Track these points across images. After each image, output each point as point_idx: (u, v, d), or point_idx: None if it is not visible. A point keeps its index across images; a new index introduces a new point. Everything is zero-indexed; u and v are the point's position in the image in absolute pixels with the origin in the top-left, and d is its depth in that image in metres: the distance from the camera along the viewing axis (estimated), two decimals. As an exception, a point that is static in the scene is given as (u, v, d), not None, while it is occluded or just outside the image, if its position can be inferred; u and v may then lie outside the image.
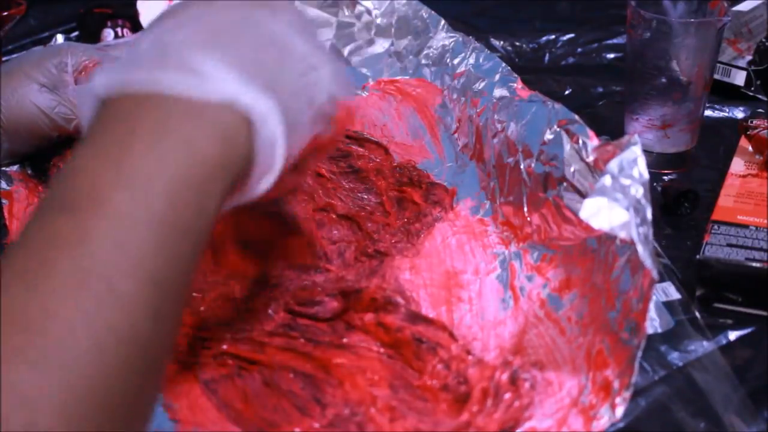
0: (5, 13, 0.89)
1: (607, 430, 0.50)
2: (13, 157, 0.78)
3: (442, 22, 0.86)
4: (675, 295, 0.61)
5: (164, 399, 0.55)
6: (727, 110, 0.85)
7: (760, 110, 0.80)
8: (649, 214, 0.53)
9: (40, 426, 0.33)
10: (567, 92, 0.89)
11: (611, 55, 0.96)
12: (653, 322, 0.59)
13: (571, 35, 0.98)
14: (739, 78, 0.86)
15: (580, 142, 0.60)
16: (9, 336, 0.35)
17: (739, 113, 0.85)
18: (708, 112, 0.83)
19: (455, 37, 0.84)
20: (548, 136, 0.63)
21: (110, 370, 0.35)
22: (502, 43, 0.98)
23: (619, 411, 0.50)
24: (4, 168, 0.78)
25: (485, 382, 0.54)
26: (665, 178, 0.77)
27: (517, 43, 0.98)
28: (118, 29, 0.93)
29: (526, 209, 0.65)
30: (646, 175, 0.54)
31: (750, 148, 0.74)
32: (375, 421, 0.53)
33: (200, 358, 0.57)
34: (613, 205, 0.54)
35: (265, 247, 0.65)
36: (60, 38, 0.94)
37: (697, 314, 0.60)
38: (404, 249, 0.67)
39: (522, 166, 0.65)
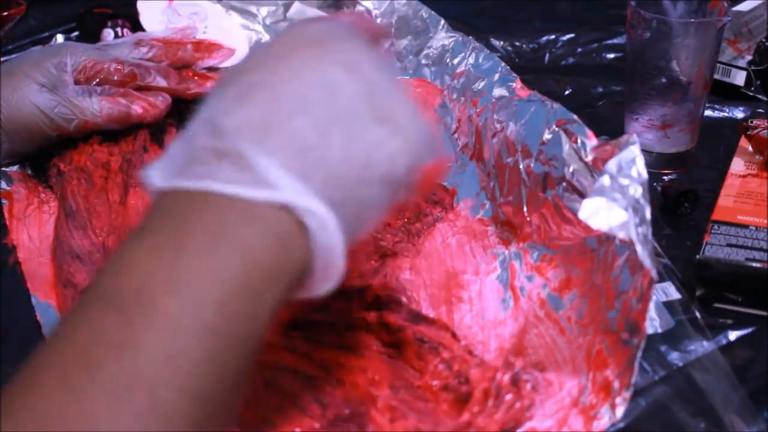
0: (5, 13, 0.89)
1: (607, 430, 0.50)
2: (13, 157, 0.78)
3: (442, 22, 0.86)
4: (675, 295, 0.61)
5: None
6: (727, 110, 0.85)
7: (760, 110, 0.80)
8: (648, 214, 0.53)
9: None
10: (567, 92, 0.89)
11: (611, 55, 0.96)
12: (653, 322, 0.59)
13: (571, 35, 0.98)
14: (739, 78, 0.86)
15: (579, 141, 0.60)
16: None
17: (739, 113, 0.85)
18: (708, 112, 0.83)
19: (455, 37, 0.84)
20: (547, 135, 0.63)
21: None
22: (501, 43, 0.97)
23: (620, 411, 0.50)
24: (4, 168, 0.78)
25: (486, 382, 0.54)
26: (665, 178, 0.77)
27: (517, 43, 0.98)
28: (118, 29, 0.93)
29: (525, 209, 0.65)
30: (645, 175, 0.54)
31: (750, 148, 0.74)
32: (375, 421, 0.53)
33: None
34: (612, 205, 0.54)
35: None
36: (60, 38, 0.95)
37: (697, 314, 0.60)
38: (404, 249, 0.67)
39: (521, 166, 0.65)
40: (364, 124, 0.42)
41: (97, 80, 0.78)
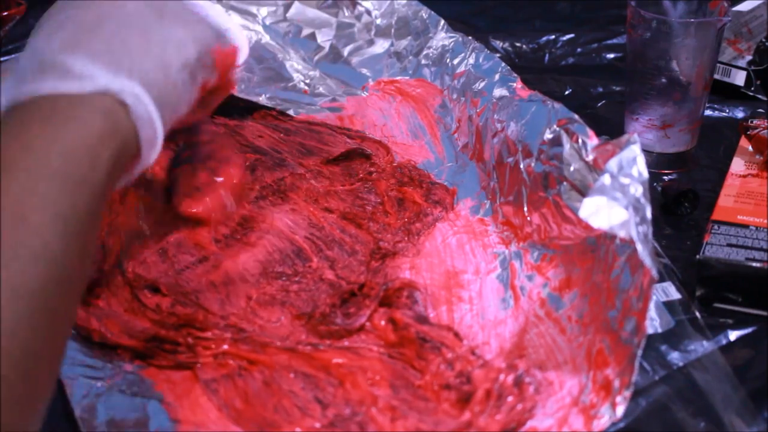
0: (5, 13, 0.88)
1: (607, 429, 0.50)
2: None
3: (442, 22, 0.86)
4: (675, 295, 0.61)
5: (164, 398, 0.55)
6: (727, 110, 0.85)
7: (760, 110, 0.80)
8: (648, 213, 0.53)
9: None
10: (567, 92, 0.89)
11: (611, 55, 0.96)
12: (653, 322, 0.59)
13: (571, 35, 0.98)
14: (739, 78, 0.86)
15: (580, 141, 0.60)
16: None
17: (739, 113, 0.85)
18: (708, 112, 0.83)
19: (455, 37, 0.84)
20: (548, 135, 0.63)
21: (30, 279, 0.41)
22: (501, 43, 0.97)
23: (620, 410, 0.50)
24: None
25: (489, 383, 0.54)
26: (665, 178, 0.77)
27: (517, 44, 0.98)
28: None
29: (526, 209, 0.65)
30: (646, 174, 0.54)
31: (750, 148, 0.74)
32: (376, 420, 0.53)
33: (200, 358, 0.57)
34: (613, 204, 0.54)
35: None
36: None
37: (697, 314, 0.60)
38: (404, 249, 0.67)
39: (522, 166, 0.65)
40: (154, 25, 0.52)
41: None
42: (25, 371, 0.41)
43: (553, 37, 0.98)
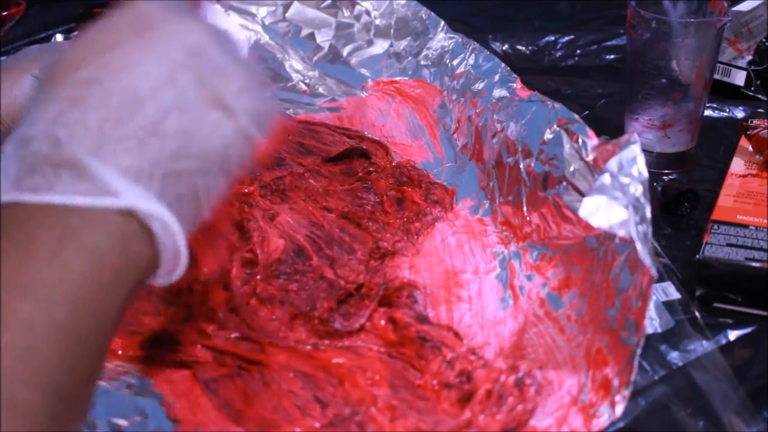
0: (5, 13, 0.89)
1: (606, 428, 0.50)
2: None
3: (442, 23, 0.86)
4: (675, 294, 0.61)
5: (164, 398, 0.55)
6: (727, 110, 0.85)
7: (760, 110, 0.80)
8: (648, 213, 0.53)
9: None
10: (567, 93, 0.89)
11: (611, 56, 0.96)
12: (653, 322, 0.59)
13: (571, 36, 0.98)
14: (739, 78, 0.86)
15: (580, 141, 0.60)
16: None
17: (739, 113, 0.85)
18: (708, 112, 0.83)
19: (454, 38, 0.84)
20: (548, 135, 0.63)
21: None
22: (501, 44, 0.97)
23: (619, 409, 0.50)
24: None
25: (490, 383, 0.54)
26: (665, 177, 0.77)
27: (517, 46, 0.98)
28: (118, 29, 0.93)
29: (525, 209, 0.65)
30: (645, 174, 0.54)
31: (750, 148, 0.74)
32: (376, 420, 0.53)
33: (200, 358, 0.57)
34: (612, 204, 0.54)
35: None
36: (59, 38, 0.94)
37: (697, 314, 0.60)
38: (404, 248, 0.67)
39: (521, 166, 0.65)
40: (198, 110, 0.42)
41: None
42: None
43: (552, 38, 0.98)
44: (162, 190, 0.41)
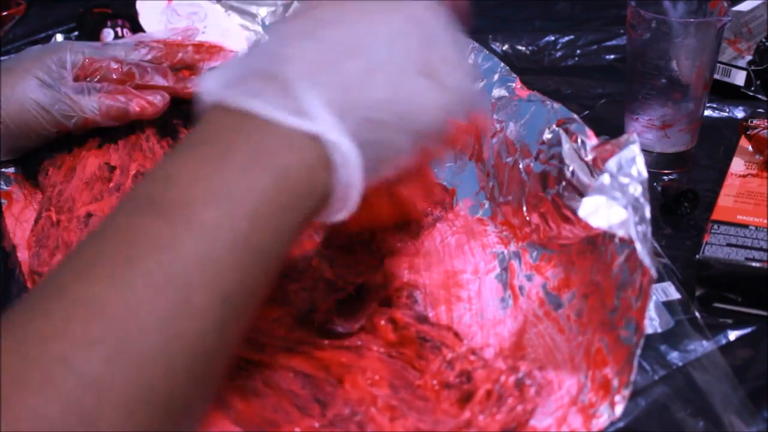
0: (5, 13, 0.89)
1: (606, 429, 0.50)
2: (12, 154, 0.78)
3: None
4: (675, 295, 0.61)
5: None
6: (727, 110, 0.85)
7: (760, 110, 0.80)
8: (647, 213, 0.53)
9: (104, 413, 0.36)
10: (566, 93, 0.89)
11: (611, 57, 0.96)
12: (653, 322, 0.58)
13: (571, 36, 0.98)
14: (739, 78, 0.86)
15: (579, 141, 0.60)
16: (89, 323, 0.37)
17: (739, 113, 0.85)
18: (708, 112, 0.83)
19: (455, 37, 0.84)
20: (547, 135, 0.63)
21: (175, 376, 0.38)
22: (501, 44, 0.97)
23: (619, 409, 0.50)
24: (2, 169, 0.78)
25: (490, 384, 0.54)
26: (665, 177, 0.77)
27: (517, 46, 0.98)
28: (118, 29, 0.93)
29: (525, 208, 0.65)
30: (645, 174, 0.54)
31: (750, 148, 0.74)
32: (375, 420, 0.53)
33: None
34: (612, 204, 0.54)
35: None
36: (59, 38, 0.95)
37: (697, 314, 0.60)
38: (404, 248, 0.67)
39: (521, 166, 0.65)
40: (409, 75, 0.46)
41: (96, 78, 0.78)
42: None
43: (552, 38, 0.98)
44: (355, 131, 0.43)
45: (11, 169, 0.79)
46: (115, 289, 0.38)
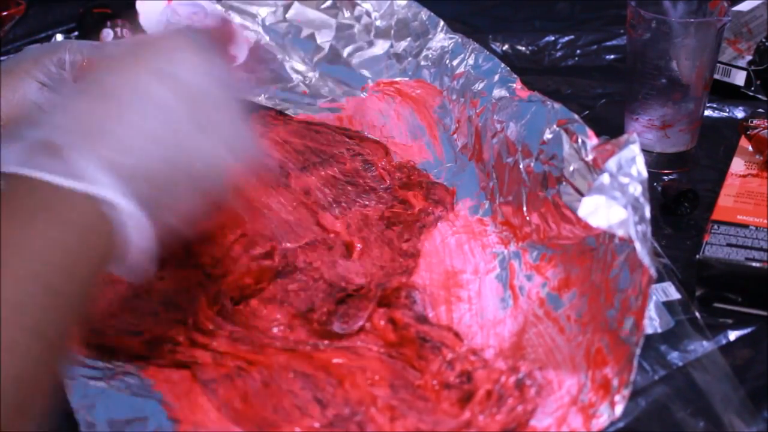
0: (5, 13, 0.89)
1: (606, 429, 0.50)
2: None
3: (441, 23, 0.86)
4: (675, 295, 0.61)
5: (164, 398, 0.55)
6: (727, 110, 0.85)
7: (760, 110, 0.80)
8: (647, 212, 0.53)
9: None
10: (566, 93, 0.89)
11: (611, 57, 0.96)
12: (653, 322, 0.59)
13: (571, 37, 0.98)
14: (739, 78, 0.86)
15: (579, 141, 0.60)
16: None
17: (739, 113, 0.85)
18: (708, 112, 0.83)
19: (454, 38, 0.84)
20: (547, 135, 0.63)
21: None
22: (501, 44, 0.98)
23: (618, 409, 0.50)
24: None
25: (491, 384, 0.54)
26: (665, 177, 0.77)
27: (517, 46, 0.98)
28: (118, 29, 0.93)
29: (525, 209, 0.65)
30: (645, 174, 0.54)
31: (750, 148, 0.74)
32: (375, 420, 0.53)
33: (200, 358, 0.57)
34: (612, 203, 0.54)
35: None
36: (59, 38, 0.94)
37: (697, 314, 0.60)
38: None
39: (521, 166, 0.65)
40: (182, 131, 0.50)
41: None
42: None
43: (552, 38, 0.98)
44: (135, 188, 0.47)
45: None
46: None
